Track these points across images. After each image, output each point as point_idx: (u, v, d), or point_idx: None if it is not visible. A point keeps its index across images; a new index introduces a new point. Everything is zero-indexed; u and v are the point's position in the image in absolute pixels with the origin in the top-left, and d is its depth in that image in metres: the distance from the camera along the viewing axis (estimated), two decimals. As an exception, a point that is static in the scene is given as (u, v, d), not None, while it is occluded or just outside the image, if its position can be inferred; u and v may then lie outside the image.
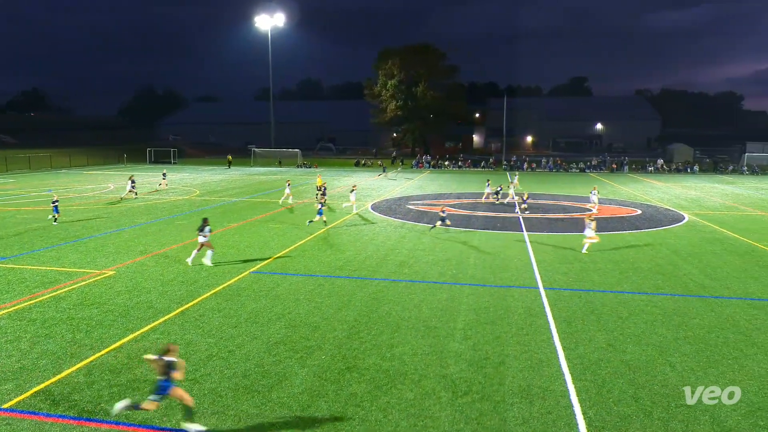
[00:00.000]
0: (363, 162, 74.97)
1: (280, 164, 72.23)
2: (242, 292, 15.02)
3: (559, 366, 10.53)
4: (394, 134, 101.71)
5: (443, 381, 9.95)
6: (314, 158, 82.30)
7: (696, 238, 23.16)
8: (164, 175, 45.99)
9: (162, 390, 8.19)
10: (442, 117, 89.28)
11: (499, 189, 35.98)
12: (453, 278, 16.69)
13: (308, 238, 22.61)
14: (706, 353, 11.20)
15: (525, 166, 69.03)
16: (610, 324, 12.81)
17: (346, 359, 10.82)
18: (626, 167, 67.43)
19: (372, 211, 30.75)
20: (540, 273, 17.29)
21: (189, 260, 17.90)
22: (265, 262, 18.50)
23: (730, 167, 67.12)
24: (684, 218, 28.66)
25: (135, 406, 8.28)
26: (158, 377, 8.28)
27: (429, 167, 71.19)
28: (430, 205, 33.50)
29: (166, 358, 8.22)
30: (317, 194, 34.32)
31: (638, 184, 48.89)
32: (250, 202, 34.47)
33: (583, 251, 20.08)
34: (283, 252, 19.97)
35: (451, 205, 32.77)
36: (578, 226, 26.13)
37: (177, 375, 8.33)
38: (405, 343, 11.65)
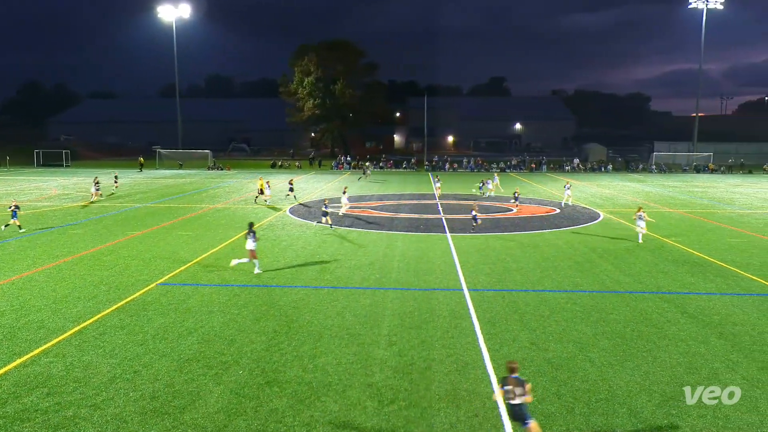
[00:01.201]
0: (280, 163, 73.89)
1: (181, 167, 69.53)
2: (148, 307, 14.34)
3: (485, 368, 10.87)
4: (312, 134, 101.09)
5: (369, 390, 9.99)
6: (227, 160, 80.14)
7: (611, 235, 24.73)
8: (116, 178, 45.80)
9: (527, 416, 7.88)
10: (362, 116, 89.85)
11: (480, 185, 41.51)
12: (376, 283, 16.80)
13: (221, 245, 21.97)
14: (623, 347, 11.98)
15: (447, 166, 70.79)
16: (533, 323, 13.39)
17: (265, 373, 10.60)
18: (545, 167, 70.87)
19: (290, 215, 30.37)
20: (464, 274, 17.78)
21: (256, 270, 17.74)
22: (174, 272, 17.77)
23: (640, 166, 72.35)
24: (600, 216, 30.52)
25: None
26: (516, 400, 7.92)
27: (349, 168, 71.36)
28: (353, 207, 33.55)
29: (515, 376, 8.05)
30: (256, 197, 35.83)
31: (556, 183, 51.55)
32: (155, 208, 33.00)
33: (640, 241, 23.04)
34: (194, 261, 19.28)
35: (373, 207, 33.00)
36: (500, 226, 27.15)
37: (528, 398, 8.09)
38: (328, 352, 11.59)
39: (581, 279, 17.44)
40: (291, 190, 37.58)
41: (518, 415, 8.07)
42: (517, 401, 8.00)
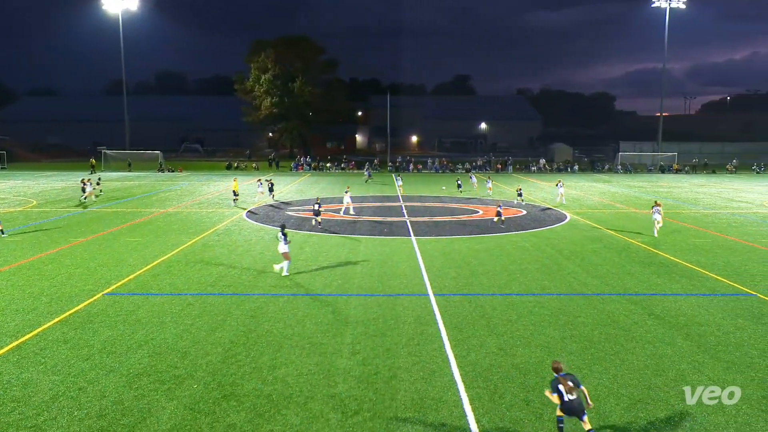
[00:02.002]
0: (236, 165, 72.97)
1: (130, 168, 67.96)
2: (94, 319, 13.94)
3: (452, 375, 10.95)
4: (270, 134, 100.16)
5: (332, 401, 9.94)
6: (179, 161, 78.65)
7: (578, 237, 25.29)
8: (99, 180, 45.17)
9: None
10: (322, 115, 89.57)
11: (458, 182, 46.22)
12: (339, 289, 16.75)
13: (173, 251, 21.54)
14: (591, 350, 12.25)
15: (411, 167, 71.15)
16: (500, 328, 13.57)
17: (222, 386, 10.43)
18: (510, 167, 72.01)
19: (247, 219, 30.02)
20: (429, 279, 17.89)
21: (284, 273, 18.12)
22: (122, 281, 17.34)
23: (606, 166, 74.26)
24: (566, 218, 31.17)
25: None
26: (572, 395, 8.47)
27: (309, 169, 70.99)
28: (312, 211, 33.35)
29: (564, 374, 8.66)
30: (235, 199, 35.79)
31: (522, 184, 52.39)
32: (101, 212, 32.13)
33: (655, 234, 25.33)
34: (144, 269, 18.85)
35: (334, 210, 32.90)
36: (466, 228, 27.44)
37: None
38: (288, 363, 11.48)
39: (548, 282, 17.76)
40: (271, 189, 38.63)
41: (577, 409, 8.59)
42: (573, 396, 8.53)
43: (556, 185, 39.48)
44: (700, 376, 11.01)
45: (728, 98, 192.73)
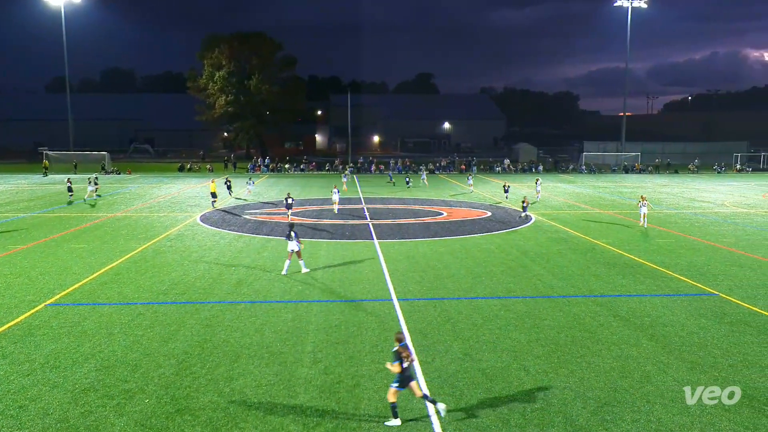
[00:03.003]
0: (189, 166, 71.76)
1: (75, 170, 66.03)
2: (36, 331, 13.50)
3: (417, 381, 10.99)
4: (225, 134, 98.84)
5: (292, 413, 9.86)
6: (128, 162, 76.88)
7: (543, 239, 25.75)
8: (96, 179, 45.69)
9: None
10: (280, 114, 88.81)
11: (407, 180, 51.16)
12: (299, 295, 16.65)
13: (122, 258, 21.05)
14: (557, 354, 12.48)
15: (372, 168, 71.22)
16: (466, 332, 13.70)
17: (175, 400, 10.23)
18: (474, 168, 72.81)
19: (201, 223, 29.56)
20: (393, 283, 17.94)
21: (283, 272, 18.93)
22: (67, 291, 16.85)
23: (570, 166, 75.86)
24: (531, 219, 31.70)
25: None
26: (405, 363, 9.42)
27: (267, 171, 70.37)
28: (269, 214, 33.11)
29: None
30: (213, 201, 36.08)
31: (487, 185, 53.11)
32: (43, 217, 31.15)
33: (645, 226, 28.82)
34: (90, 278, 18.36)
35: (295, 214, 32.70)
36: (430, 231, 27.63)
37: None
38: (246, 374, 11.35)
39: (514, 284, 18.03)
40: (229, 187, 41.14)
41: (412, 377, 9.73)
42: (406, 364, 9.51)
43: (535, 183, 43.26)
44: (665, 377, 11.34)
45: (689, 98, 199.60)
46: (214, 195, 35.94)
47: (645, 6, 74.30)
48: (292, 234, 18.86)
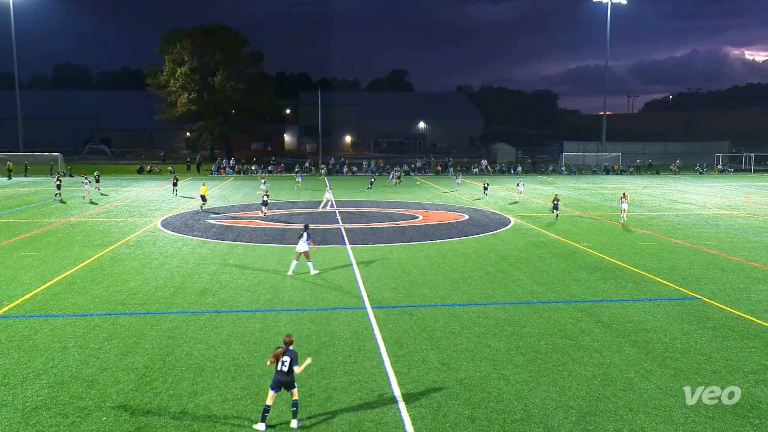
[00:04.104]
0: (149, 168, 70.83)
1: (26, 171, 64.55)
2: (-17, 346, 13.17)
3: (392, 394, 11.01)
4: (188, 133, 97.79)
5: (261, 429, 9.77)
6: (83, 164, 75.52)
7: (522, 243, 26.01)
8: (95, 178, 48.02)
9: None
10: (247, 113, 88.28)
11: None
12: (267, 304, 16.54)
13: (77, 267, 20.67)
14: (538, 362, 12.60)
15: (345, 169, 71.11)
16: (443, 341, 13.76)
17: (135, 417, 10.07)
18: (451, 169, 73.26)
19: (163, 228, 29.19)
20: (367, 290, 17.93)
21: (289, 272, 19.64)
22: (16, 302, 16.49)
23: (550, 167, 76.81)
24: (510, 222, 32.01)
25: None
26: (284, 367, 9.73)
27: (233, 173, 69.82)
28: (235, 218, 32.84)
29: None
30: (203, 204, 36.74)
31: (464, 187, 53.43)
32: (-10, 223, 30.43)
33: (622, 221, 31.58)
34: (42, 288, 18.00)
35: (261, 218, 32.49)
36: (405, 235, 27.70)
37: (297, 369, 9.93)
38: (212, 388, 11.23)
39: (493, 290, 18.16)
40: (174, 184, 43.61)
41: (288, 383, 9.92)
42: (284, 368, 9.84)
43: (517, 185, 44.39)
44: (648, 384, 11.53)
45: (670, 97, 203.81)
46: (203, 198, 36.53)
47: (625, 2, 75.71)
48: (305, 235, 19.53)
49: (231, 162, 73.51)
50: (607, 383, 11.58)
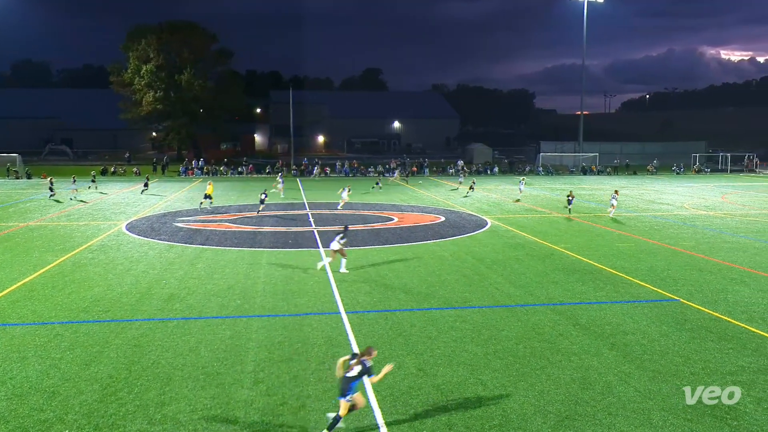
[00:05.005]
0: (113, 169, 69.84)
1: None
2: (-64, 357, 12.85)
3: (368, 401, 10.99)
4: (154, 133, 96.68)
5: (231, 439, 9.69)
6: (43, 165, 74.19)
7: (499, 244, 26.21)
8: (94, 177, 50.74)
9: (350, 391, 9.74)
10: (215, 112, 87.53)
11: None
12: (238, 310, 16.42)
13: (36, 273, 20.29)
14: (516, 366, 12.70)
15: (317, 170, 70.82)
16: (420, 346, 13.79)
17: (99, 430, 9.92)
18: (427, 170, 73.57)
19: (128, 232, 28.79)
20: (340, 295, 17.91)
21: (323, 264, 21.03)
22: (-28, 310, 16.11)
23: (527, 168, 77.50)
24: (487, 224, 32.23)
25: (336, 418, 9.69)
26: (349, 377, 9.72)
27: (201, 174, 69.18)
28: (204, 222, 32.55)
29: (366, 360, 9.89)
30: (210, 203, 37.67)
31: (440, 188, 53.69)
32: (-56, 228, 29.73)
33: (610, 215, 34.76)
34: (0, 295, 17.62)
35: (230, 221, 32.24)
36: (380, 238, 27.72)
37: (373, 379, 10.04)
38: (180, 398, 11.10)
39: (470, 294, 18.26)
40: (146, 185, 45.62)
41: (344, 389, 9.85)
42: (351, 373, 9.83)
43: (519, 182, 48.85)
44: (626, 387, 11.69)
45: (647, 96, 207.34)
46: (209, 197, 37.38)
47: (601, 0, 76.79)
48: (341, 234, 21.15)
49: (199, 163, 72.86)
50: (586, 387, 11.72)
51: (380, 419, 10.34)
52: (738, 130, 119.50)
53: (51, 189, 43.48)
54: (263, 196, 35.78)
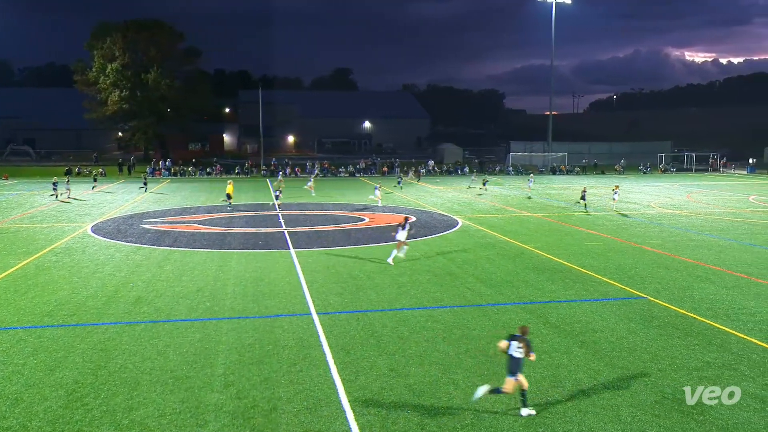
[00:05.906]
0: (77, 170, 68.55)
1: None
2: None
3: (339, 402, 10.98)
4: (120, 133, 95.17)
5: (201, 444, 9.59)
6: (4, 166, 72.50)
7: (470, 244, 26.38)
8: (67, 182, 47.44)
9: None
10: (183, 112, 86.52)
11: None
12: (207, 312, 16.26)
13: (-1, 277, 19.82)
14: (487, 365, 12.80)
15: (288, 170, 70.50)
16: (391, 346, 13.81)
17: (64, 437, 9.72)
18: (397, 170, 73.67)
19: (93, 234, 28.29)
20: (312, 296, 17.85)
21: (389, 260, 22.07)
22: (-70, 316, 15.68)
23: (498, 168, 78.17)
24: (458, 223, 32.41)
25: (496, 390, 10.60)
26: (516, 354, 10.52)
27: (169, 175, 68.31)
28: (172, 223, 32.15)
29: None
30: (229, 203, 38.17)
31: (411, 188, 53.83)
32: None
33: (613, 208, 38.07)
34: (-40, 299, 17.18)
35: (199, 222, 31.89)
36: (351, 238, 27.69)
37: (532, 356, 10.77)
38: (148, 402, 10.95)
39: (441, 293, 18.35)
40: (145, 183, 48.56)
41: (512, 368, 10.69)
42: (517, 355, 10.67)
43: (528, 180, 53.08)
44: (596, 384, 11.87)
45: (614, 97, 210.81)
46: (229, 196, 37.72)
47: (569, 2, 77.77)
48: (403, 226, 22.46)
49: (167, 163, 71.94)
50: (556, 385, 11.86)
51: (352, 420, 10.33)
52: (701, 131, 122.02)
53: (54, 189, 43.98)
54: (277, 192, 39.02)
